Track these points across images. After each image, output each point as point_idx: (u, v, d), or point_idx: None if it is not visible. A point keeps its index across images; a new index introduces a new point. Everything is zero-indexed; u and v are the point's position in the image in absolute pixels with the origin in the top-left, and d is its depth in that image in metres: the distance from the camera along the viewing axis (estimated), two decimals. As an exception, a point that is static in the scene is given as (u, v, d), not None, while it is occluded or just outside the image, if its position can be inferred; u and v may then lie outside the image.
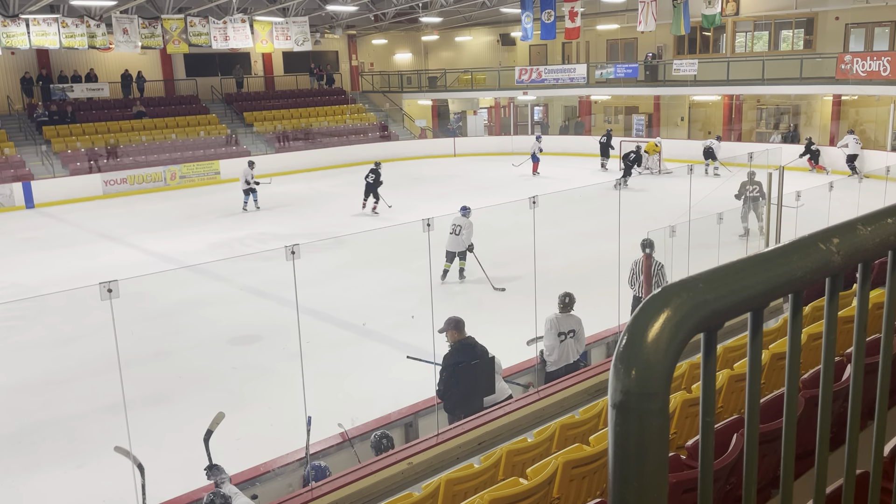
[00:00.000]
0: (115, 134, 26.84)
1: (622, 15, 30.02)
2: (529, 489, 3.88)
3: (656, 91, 29.41)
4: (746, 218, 14.37)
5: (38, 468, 7.55)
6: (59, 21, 22.30)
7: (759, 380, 1.05)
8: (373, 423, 6.85)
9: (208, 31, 24.82)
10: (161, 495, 5.65)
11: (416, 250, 7.31)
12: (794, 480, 1.12)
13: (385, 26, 33.02)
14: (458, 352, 6.75)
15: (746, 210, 14.37)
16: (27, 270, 14.86)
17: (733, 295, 0.92)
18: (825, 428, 1.15)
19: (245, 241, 16.83)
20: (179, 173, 25.66)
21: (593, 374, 6.95)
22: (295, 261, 5.65)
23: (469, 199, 19.93)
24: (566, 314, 7.79)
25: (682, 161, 25.40)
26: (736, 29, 28.93)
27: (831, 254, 1.01)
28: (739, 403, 4.73)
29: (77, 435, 8.16)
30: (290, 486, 6.02)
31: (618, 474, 0.84)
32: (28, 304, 12.57)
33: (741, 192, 14.43)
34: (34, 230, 19.30)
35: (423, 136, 33.47)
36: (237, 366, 9.92)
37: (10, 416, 8.76)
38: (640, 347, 0.84)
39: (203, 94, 31.09)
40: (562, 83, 31.01)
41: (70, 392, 9.26)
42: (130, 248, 16.84)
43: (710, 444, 1.00)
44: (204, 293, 13.04)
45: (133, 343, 8.77)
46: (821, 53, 25.78)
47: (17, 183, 22.84)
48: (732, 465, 3.21)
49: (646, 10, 23.78)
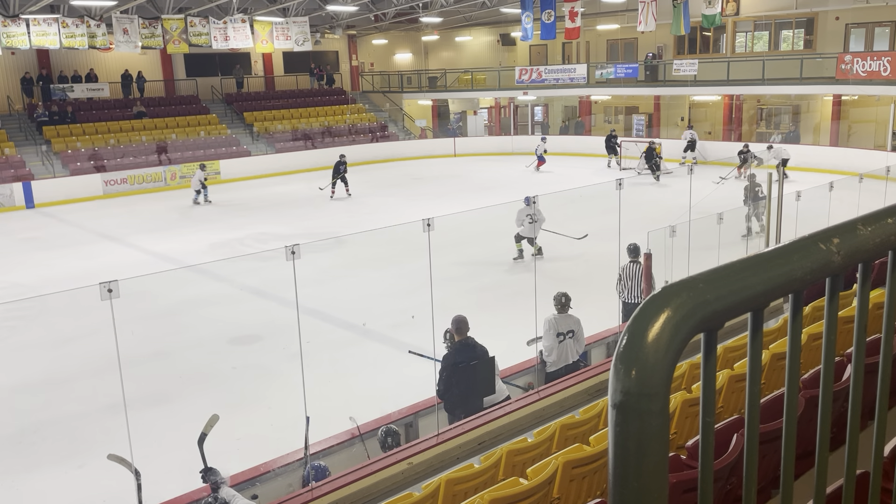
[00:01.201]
0: (116, 134, 26.85)
1: (622, 15, 30.02)
2: (529, 489, 3.89)
3: (656, 91, 29.41)
4: (750, 218, 14.42)
5: (38, 468, 7.56)
6: (60, 21, 22.30)
7: (759, 380, 1.05)
8: (373, 423, 6.85)
9: (208, 31, 24.82)
10: (161, 495, 5.65)
11: (416, 250, 7.30)
12: (794, 480, 1.12)
13: (385, 26, 33.03)
14: (457, 352, 6.75)
15: (751, 210, 14.45)
16: (27, 270, 14.86)
17: (733, 295, 0.92)
18: (825, 428, 1.15)
19: (245, 242, 16.83)
20: (180, 173, 25.66)
21: (593, 374, 6.95)
22: (295, 261, 5.65)
23: (469, 199, 19.95)
24: (564, 314, 7.78)
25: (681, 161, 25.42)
26: (736, 29, 28.94)
27: (831, 254, 1.01)
28: (739, 403, 4.73)
29: (77, 435, 8.16)
30: (290, 486, 6.02)
31: (618, 474, 0.84)
32: (28, 304, 12.57)
33: (747, 194, 14.56)
34: (34, 230, 19.30)
35: (424, 137, 33.47)
36: (237, 366, 9.92)
37: (10, 416, 8.76)
38: (640, 348, 0.84)
39: (203, 94, 31.09)
40: (562, 83, 31.01)
41: (70, 392, 9.26)
42: (130, 248, 16.85)
43: (710, 444, 1.00)
44: (204, 293, 13.05)
45: (133, 343, 8.76)
46: (821, 53, 25.78)
47: (18, 183, 22.85)
48: (733, 465, 3.21)
49: (646, 10, 23.77)
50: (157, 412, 8.36)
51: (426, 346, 6.99)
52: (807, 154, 23.65)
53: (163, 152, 26.45)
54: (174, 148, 27.05)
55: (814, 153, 23.99)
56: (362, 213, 19.69)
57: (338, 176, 22.38)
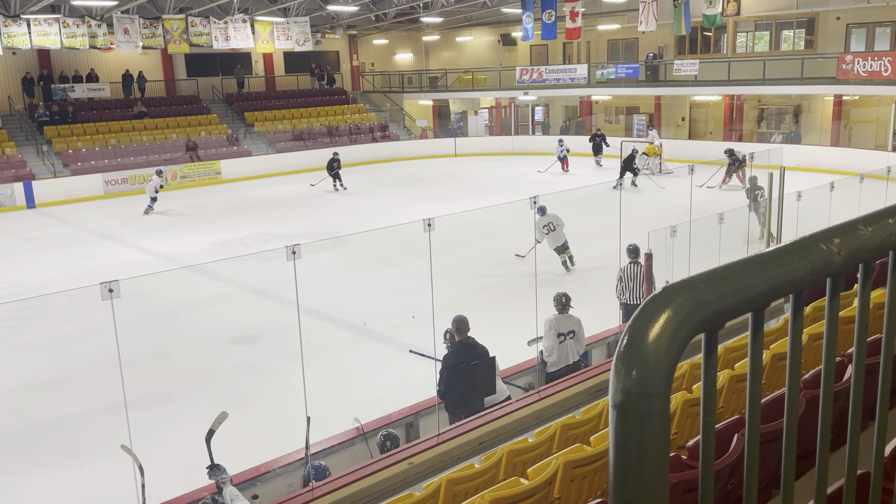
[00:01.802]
0: (116, 134, 26.86)
1: (623, 15, 30.02)
2: (530, 489, 3.89)
3: (657, 91, 29.41)
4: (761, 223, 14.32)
5: (39, 468, 7.56)
6: (61, 21, 22.31)
7: (759, 380, 1.05)
8: (374, 423, 6.85)
9: (209, 31, 24.83)
10: (161, 495, 5.65)
11: (416, 250, 7.30)
12: (794, 481, 1.12)
13: (386, 26, 33.03)
14: (458, 352, 6.75)
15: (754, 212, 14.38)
16: (28, 270, 14.87)
17: (734, 295, 0.92)
18: (826, 428, 1.15)
19: (246, 241, 16.84)
20: (180, 173, 25.67)
21: (594, 375, 6.95)
22: (296, 261, 5.65)
23: (470, 199, 19.95)
24: (565, 315, 7.77)
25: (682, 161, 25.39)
26: (737, 29, 28.93)
27: (832, 254, 1.01)
28: (740, 404, 4.73)
29: (78, 435, 8.16)
30: (291, 486, 6.02)
31: (618, 474, 0.84)
32: (29, 303, 12.58)
33: (749, 194, 14.52)
34: (35, 230, 19.31)
35: (424, 137, 33.47)
36: (238, 366, 9.92)
37: (11, 416, 8.77)
38: (641, 348, 0.84)
39: (204, 94, 31.10)
40: (563, 83, 31.00)
41: (71, 392, 9.27)
42: (131, 248, 16.85)
43: (710, 444, 1.00)
44: (205, 293, 13.05)
45: (134, 343, 8.77)
46: (822, 53, 25.77)
47: (19, 183, 22.87)
48: (733, 466, 3.21)
49: (647, 10, 23.77)
50: (158, 412, 8.36)
51: (427, 346, 6.99)
52: (807, 154, 23.63)
53: (164, 152, 26.47)
54: (175, 148, 27.06)
55: (814, 153, 23.98)
56: (363, 212, 19.69)
57: (332, 172, 23.25)
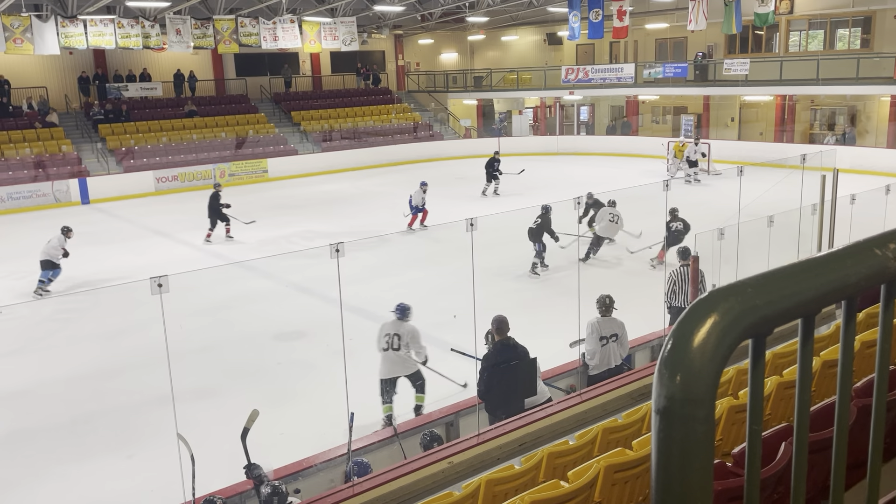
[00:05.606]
0: (168, 132, 27.48)
1: (672, 14, 29.60)
2: (570, 492, 3.86)
3: (706, 91, 28.90)
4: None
5: (89, 457, 7.77)
6: (115, 22, 22.91)
7: (809, 387, 1.02)
8: (413, 422, 6.87)
9: (258, 31, 25.23)
10: (206, 487, 5.75)
11: (459, 249, 7.31)
12: (844, 492, 1.09)
13: (431, 26, 33.13)
14: (497, 352, 6.73)
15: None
16: (81, 265, 15.27)
17: (784, 300, 0.89)
18: (878, 438, 1.12)
19: (291, 239, 17.06)
20: (229, 171, 26.14)
21: (637, 378, 6.87)
22: (339, 258, 5.70)
23: (513, 199, 19.89)
24: (608, 318, 7.69)
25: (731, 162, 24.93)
26: (790, 28, 28.27)
27: (887, 259, 0.98)
28: (788, 411, 4.62)
29: (127, 426, 8.37)
30: (332, 482, 6.08)
31: (661, 480, 0.83)
32: (81, 297, 12.95)
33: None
34: (88, 225, 19.81)
35: (468, 136, 33.46)
36: (282, 361, 10.06)
37: (63, 406, 9.03)
38: (685, 352, 0.82)
39: (252, 93, 31.62)
40: (609, 83, 30.70)
41: (120, 384, 9.51)
42: (180, 244, 17.22)
43: (756, 451, 0.97)
44: (251, 289, 13.26)
45: (181, 337, 8.95)
46: (878, 53, 25.03)
47: (74, 179, 23.58)
48: (780, 474, 3.14)
49: (696, 8, 23.39)
50: (204, 405, 8.53)
51: (468, 346, 6.99)
52: (863, 156, 23.00)
53: (213, 150, 26.98)
54: (224, 146, 27.56)
55: (870, 155, 23.32)
56: (406, 211, 19.76)
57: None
